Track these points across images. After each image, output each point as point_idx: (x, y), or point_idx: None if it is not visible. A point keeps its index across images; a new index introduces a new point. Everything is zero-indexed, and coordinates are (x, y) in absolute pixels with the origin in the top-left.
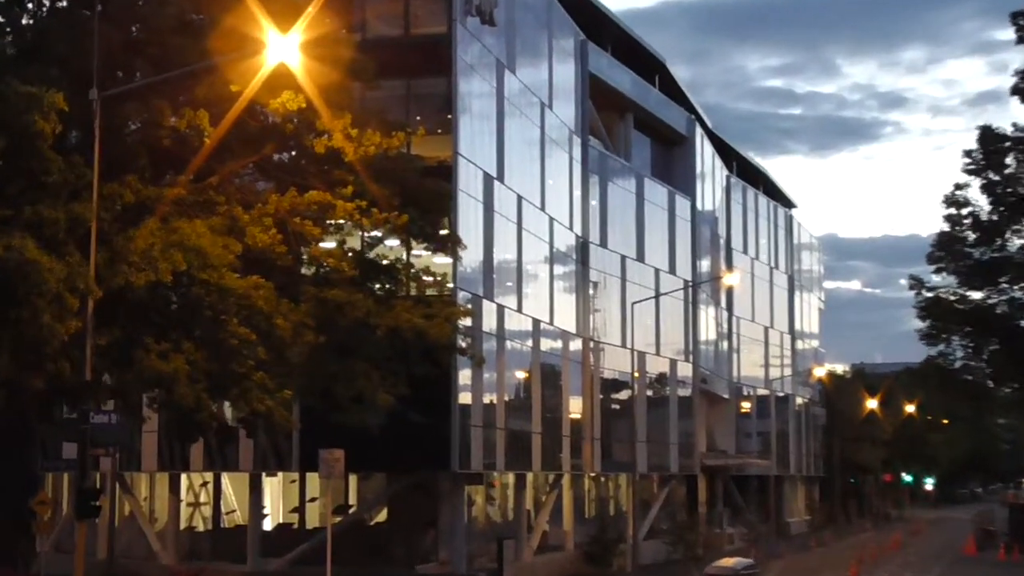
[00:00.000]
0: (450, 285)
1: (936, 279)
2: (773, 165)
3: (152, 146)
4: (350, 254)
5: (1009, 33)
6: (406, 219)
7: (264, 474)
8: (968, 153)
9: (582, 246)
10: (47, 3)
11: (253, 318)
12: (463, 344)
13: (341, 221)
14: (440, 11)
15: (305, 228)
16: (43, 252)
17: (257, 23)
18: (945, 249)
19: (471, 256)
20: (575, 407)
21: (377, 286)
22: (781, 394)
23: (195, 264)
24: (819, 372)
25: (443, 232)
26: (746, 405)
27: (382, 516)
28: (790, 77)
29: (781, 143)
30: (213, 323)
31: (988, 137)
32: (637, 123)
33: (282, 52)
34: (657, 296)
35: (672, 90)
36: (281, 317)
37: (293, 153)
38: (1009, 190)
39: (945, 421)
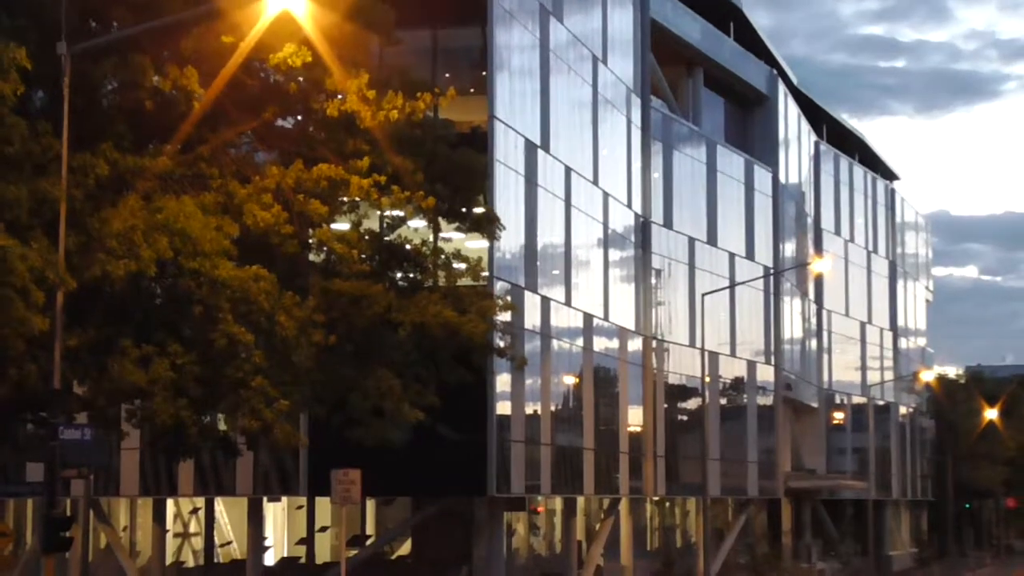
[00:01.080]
0: (486, 274)
1: None
2: (871, 129)
3: (132, 110)
4: (367, 238)
5: None
6: (433, 201)
7: (266, 499)
8: None
9: (642, 227)
10: None
11: (251, 315)
12: (501, 344)
13: (356, 199)
14: None
15: (313, 207)
16: (7, 236)
17: None
18: None
19: (510, 239)
20: (634, 418)
21: (399, 275)
22: (881, 403)
23: (183, 250)
24: (927, 376)
25: (477, 211)
26: (839, 416)
27: (405, 549)
28: (892, 23)
29: (881, 102)
30: (204, 321)
31: None
32: (708, 80)
33: None
34: (732, 286)
35: (750, 40)
36: (284, 313)
37: (299, 118)
38: None
39: None
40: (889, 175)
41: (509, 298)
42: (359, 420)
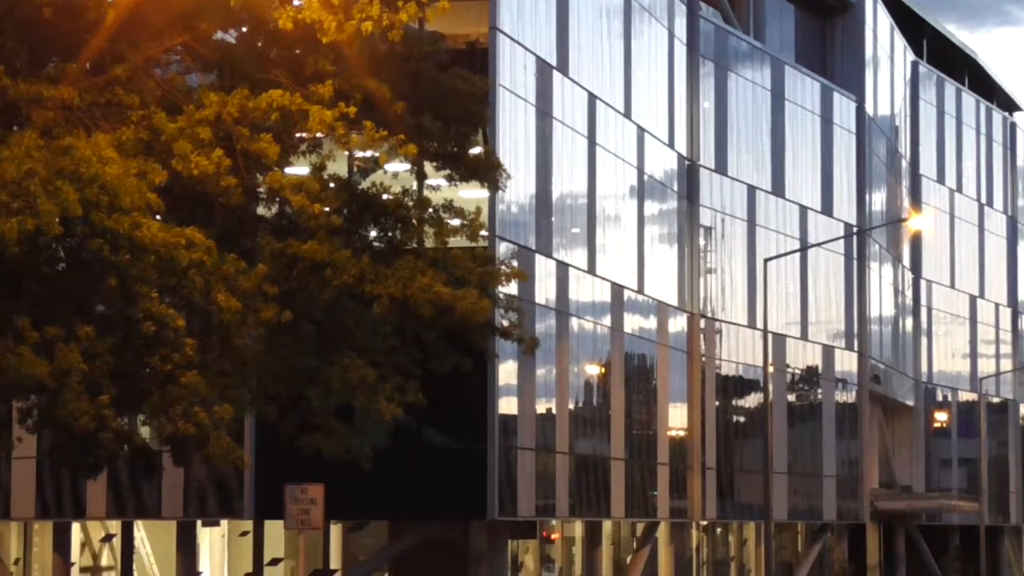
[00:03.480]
0: (486, 232)
1: None
2: (986, 44)
3: (26, 20)
4: (332, 186)
5: None
6: (415, 149)
7: (200, 522)
8: None
9: (688, 172)
10: None
11: (182, 287)
12: (506, 323)
13: (318, 135)
14: None
15: (262, 146)
16: None
17: None
18: None
19: (518, 188)
20: (677, 420)
21: (374, 235)
22: (997, 400)
23: (97, 204)
24: None
25: (475, 151)
26: (942, 417)
27: None
28: None
29: (1000, 8)
30: (121, 296)
31: None
32: None
33: None
34: (804, 249)
35: None
36: (224, 288)
37: (244, 30)
38: None
39: None
40: (1009, 105)
41: (516, 263)
42: (320, 424)
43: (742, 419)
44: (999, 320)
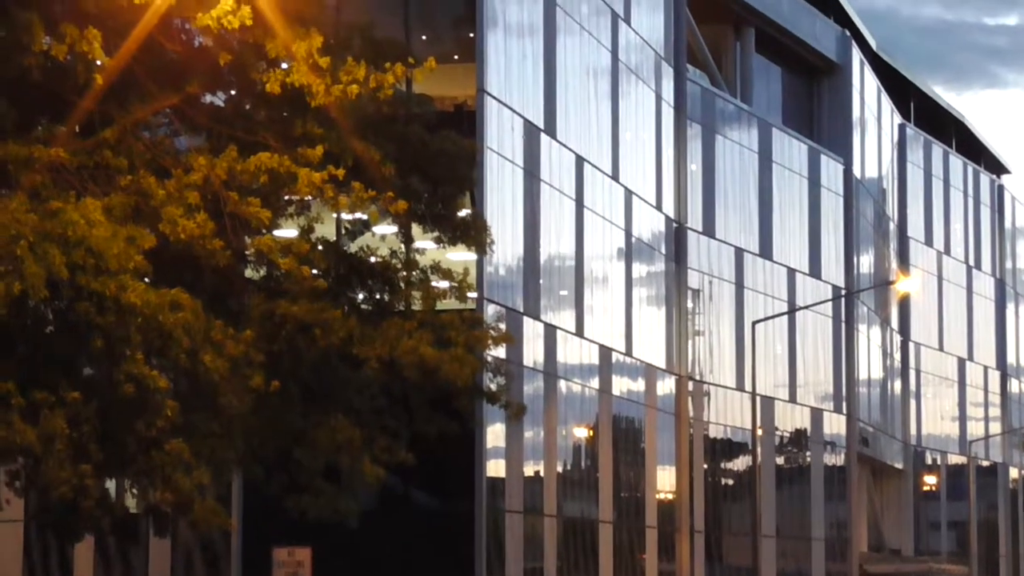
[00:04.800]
0: (473, 295)
1: None
2: (973, 106)
3: (15, 81)
4: (320, 248)
5: None
6: (405, 205)
7: None
8: None
9: (676, 234)
10: None
11: (168, 349)
12: (493, 386)
13: (306, 198)
14: None
15: (251, 209)
16: None
17: None
18: None
19: (506, 250)
20: (665, 482)
21: (362, 297)
22: (986, 463)
23: (83, 266)
24: None
25: (463, 213)
26: (931, 480)
27: None
28: None
29: (987, 71)
30: (107, 358)
31: None
32: (761, 43)
33: None
34: (792, 311)
35: None
36: (211, 349)
37: (232, 93)
38: None
39: None
40: (996, 167)
41: (504, 325)
42: (307, 486)
43: (730, 482)
44: (988, 383)
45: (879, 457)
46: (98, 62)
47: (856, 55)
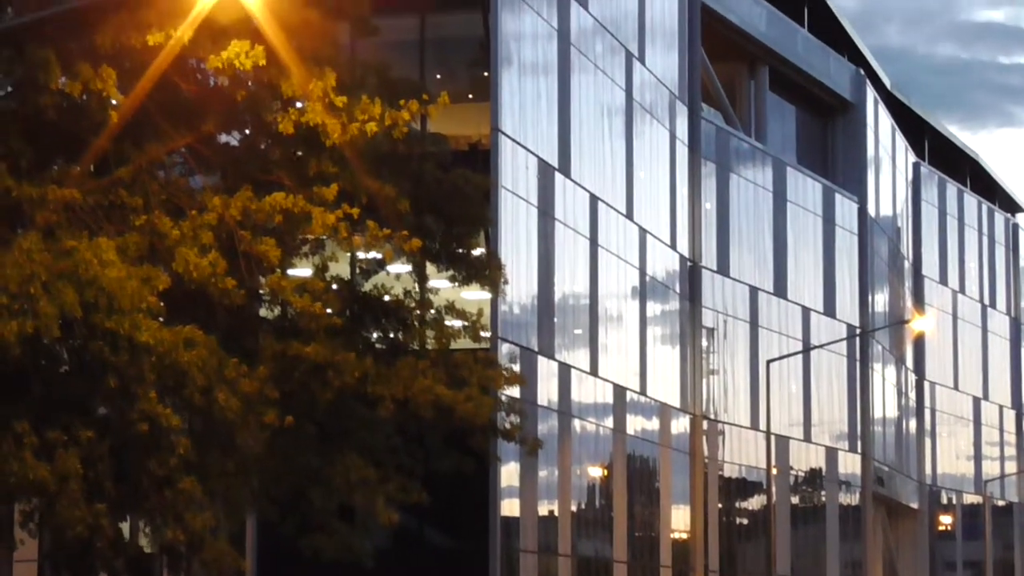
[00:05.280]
0: (488, 334)
1: None
2: (988, 145)
3: (30, 121)
4: (334, 288)
5: None
6: (419, 243)
7: None
8: None
9: (690, 273)
10: None
11: (182, 387)
12: (508, 425)
13: (320, 237)
14: None
15: (265, 248)
16: None
17: None
18: None
19: (520, 289)
20: (679, 521)
21: (376, 336)
22: (1002, 503)
23: (96, 305)
24: None
25: (477, 252)
26: (947, 519)
27: None
28: (1017, 6)
29: (1001, 110)
30: (121, 397)
31: None
32: (775, 82)
33: None
34: (806, 350)
35: (830, 30)
36: (225, 387)
37: (247, 132)
38: None
39: None
40: (1011, 206)
41: (518, 366)
42: (322, 525)
43: (745, 521)
44: (1003, 422)
45: (894, 496)
46: (113, 101)
47: (871, 94)
